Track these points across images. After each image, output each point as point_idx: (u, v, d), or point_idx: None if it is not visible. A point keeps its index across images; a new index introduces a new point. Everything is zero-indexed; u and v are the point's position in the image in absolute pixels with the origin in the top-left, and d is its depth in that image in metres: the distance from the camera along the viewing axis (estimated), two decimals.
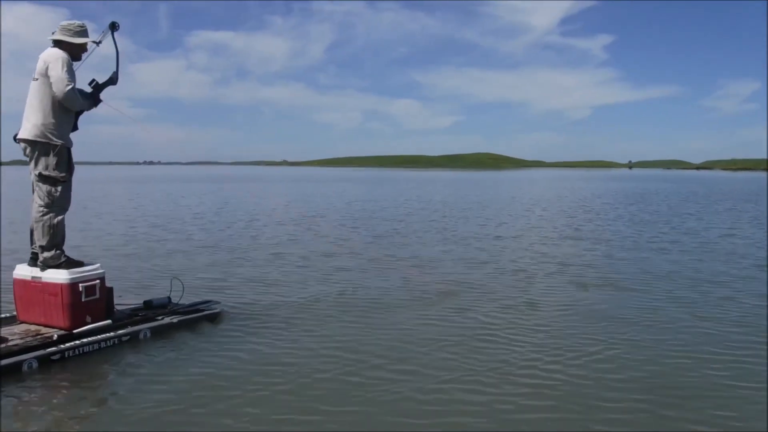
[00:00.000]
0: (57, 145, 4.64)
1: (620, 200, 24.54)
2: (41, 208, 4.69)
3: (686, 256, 9.34)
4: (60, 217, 4.74)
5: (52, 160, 4.63)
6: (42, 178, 4.64)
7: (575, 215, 17.13)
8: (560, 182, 51.09)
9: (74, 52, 4.74)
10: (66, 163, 4.71)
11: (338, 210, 18.23)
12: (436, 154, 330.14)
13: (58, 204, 4.72)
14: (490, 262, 8.86)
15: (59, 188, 4.68)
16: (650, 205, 21.32)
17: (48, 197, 4.67)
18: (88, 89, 4.81)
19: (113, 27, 4.81)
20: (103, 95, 4.89)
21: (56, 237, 4.72)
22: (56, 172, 4.65)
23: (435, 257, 9.22)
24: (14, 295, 4.90)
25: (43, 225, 4.69)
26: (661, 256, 9.37)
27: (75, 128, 4.84)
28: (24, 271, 4.81)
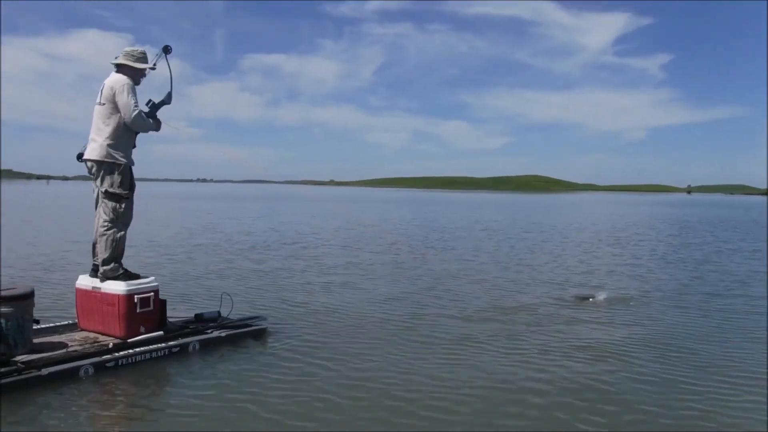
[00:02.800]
0: (121, 164, 4.95)
1: (662, 228, 22.57)
2: (106, 223, 4.98)
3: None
4: (122, 233, 5.03)
5: (116, 178, 4.94)
6: (108, 195, 4.95)
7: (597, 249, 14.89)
8: (609, 207, 49.63)
9: (135, 76, 5.07)
10: (129, 181, 5.02)
11: (391, 232, 18.26)
12: (484, 176, 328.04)
13: (122, 220, 5.02)
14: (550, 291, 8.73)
15: (123, 205, 4.99)
16: (692, 237, 18.76)
17: (113, 213, 4.97)
18: (146, 109, 5.12)
19: (166, 50, 5.08)
20: (159, 114, 5.17)
21: (117, 251, 5.00)
22: (120, 189, 4.95)
23: (489, 282, 9.08)
24: (76, 303, 5.19)
25: (107, 239, 4.98)
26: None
27: (133, 146, 5.15)
28: (85, 282, 5.10)
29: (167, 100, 5.18)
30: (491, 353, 5.22)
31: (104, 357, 4.51)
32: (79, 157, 5.05)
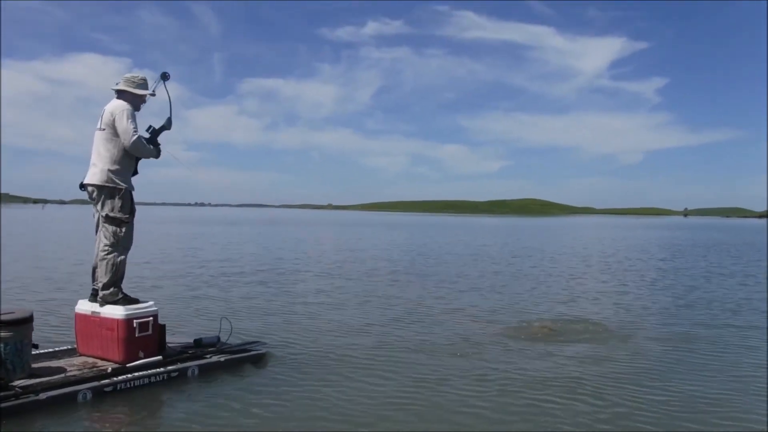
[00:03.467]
0: (122, 189, 4.99)
1: (654, 252, 22.15)
2: (106, 247, 4.99)
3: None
4: (122, 257, 5.04)
5: (117, 202, 4.97)
6: (108, 219, 4.97)
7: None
8: (604, 230, 49.69)
9: (135, 102, 5.15)
10: (129, 206, 5.05)
11: (375, 257, 18.14)
12: (483, 200, 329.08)
13: (123, 244, 5.03)
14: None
15: (123, 229, 5.00)
16: (684, 261, 18.31)
17: (113, 237, 4.98)
18: (146, 134, 5.18)
19: (164, 77, 5.18)
20: (159, 139, 5.24)
21: (117, 275, 5.01)
22: (121, 213, 4.98)
23: (488, 307, 9.03)
24: (75, 328, 5.17)
25: (107, 263, 4.99)
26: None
27: (135, 172, 5.20)
28: (85, 306, 5.09)
29: (167, 125, 5.24)
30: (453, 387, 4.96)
31: (103, 381, 4.49)
32: (81, 185, 5.08)
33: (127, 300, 5.01)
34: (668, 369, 5.58)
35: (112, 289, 4.99)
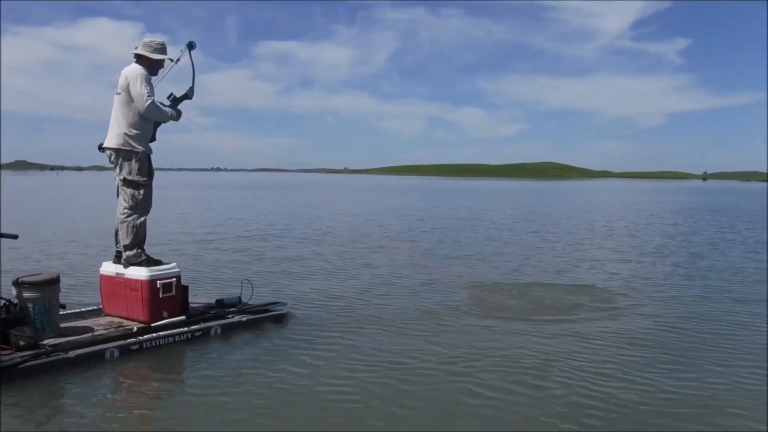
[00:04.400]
0: (139, 152, 5.00)
1: (665, 217, 21.28)
2: (126, 210, 5.05)
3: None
4: (142, 218, 5.09)
5: (134, 165, 5.00)
6: (126, 182, 5.01)
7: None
8: (619, 194, 49.04)
9: (153, 66, 5.12)
10: (147, 169, 5.08)
11: (405, 221, 18.09)
12: (500, 163, 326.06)
13: (141, 206, 5.07)
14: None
15: (142, 191, 5.04)
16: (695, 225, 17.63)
17: (132, 200, 5.03)
18: (167, 102, 5.17)
19: (190, 46, 5.20)
20: (182, 108, 5.25)
21: (138, 237, 5.07)
22: (138, 176, 5.01)
23: (509, 272, 8.95)
24: (100, 289, 5.27)
25: (127, 226, 5.05)
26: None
27: (153, 138, 5.20)
28: (109, 268, 5.18)
29: (189, 94, 5.26)
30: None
31: (129, 340, 4.62)
32: (100, 147, 5.12)
33: (150, 261, 5.08)
34: (654, 358, 4.73)
35: (135, 251, 5.06)
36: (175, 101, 5.20)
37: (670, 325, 5.76)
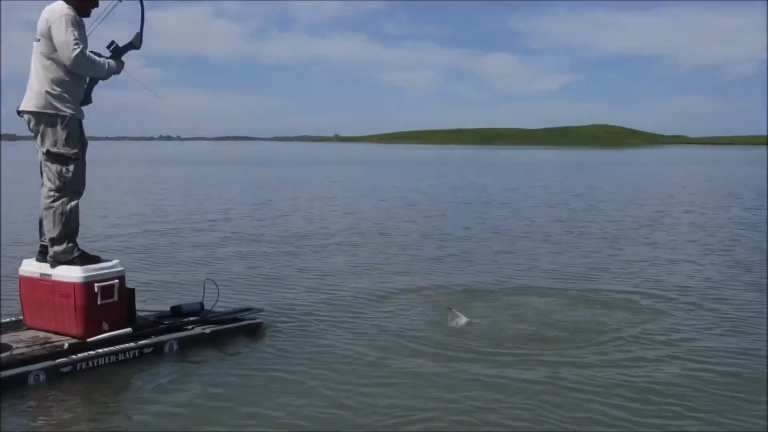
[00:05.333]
0: (66, 116, 4.99)
1: (747, 200, 19.62)
2: (51, 193, 5.06)
3: None
4: (73, 203, 5.11)
5: (61, 134, 4.98)
6: (51, 156, 5.00)
7: None
8: (691, 167, 48.60)
9: (82, 6, 5.10)
10: (78, 138, 5.07)
11: (407, 207, 18.07)
12: (539, 127, 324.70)
13: (71, 187, 5.08)
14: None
15: (71, 168, 5.04)
16: None
17: (59, 179, 5.03)
18: (106, 54, 5.17)
19: None
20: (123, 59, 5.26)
21: (69, 227, 5.09)
22: (66, 148, 5.00)
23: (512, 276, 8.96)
24: (20, 295, 5.32)
25: (54, 212, 5.07)
26: None
27: (88, 101, 5.22)
28: (32, 268, 5.20)
29: (136, 42, 5.25)
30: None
31: (58, 360, 4.64)
32: (19, 112, 5.12)
33: (85, 258, 5.11)
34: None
35: (65, 245, 5.09)
36: (117, 52, 5.19)
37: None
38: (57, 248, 5.09)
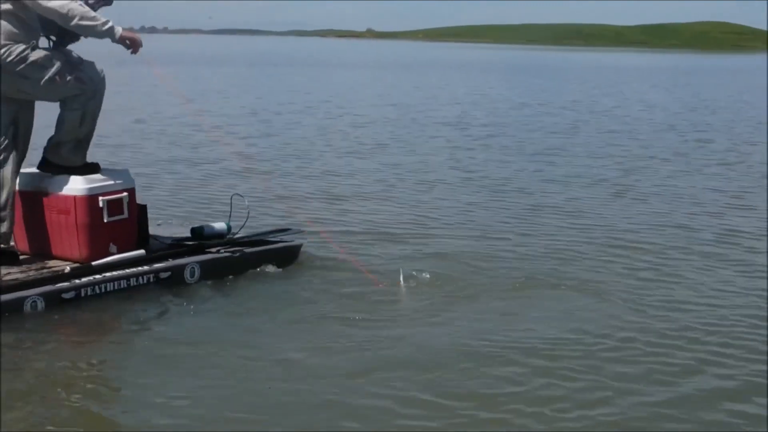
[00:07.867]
0: None
1: None
2: None
3: None
4: None
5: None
6: None
7: None
8: None
9: None
10: None
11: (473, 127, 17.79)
12: (632, 23, 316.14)
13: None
14: None
15: None
16: None
17: None
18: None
19: None
20: None
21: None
22: None
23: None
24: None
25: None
26: None
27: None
28: (29, 180, 5.26)
29: None
30: None
31: (59, 285, 4.81)
32: None
33: (87, 167, 5.24)
34: None
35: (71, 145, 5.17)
36: None
37: None
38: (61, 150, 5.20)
